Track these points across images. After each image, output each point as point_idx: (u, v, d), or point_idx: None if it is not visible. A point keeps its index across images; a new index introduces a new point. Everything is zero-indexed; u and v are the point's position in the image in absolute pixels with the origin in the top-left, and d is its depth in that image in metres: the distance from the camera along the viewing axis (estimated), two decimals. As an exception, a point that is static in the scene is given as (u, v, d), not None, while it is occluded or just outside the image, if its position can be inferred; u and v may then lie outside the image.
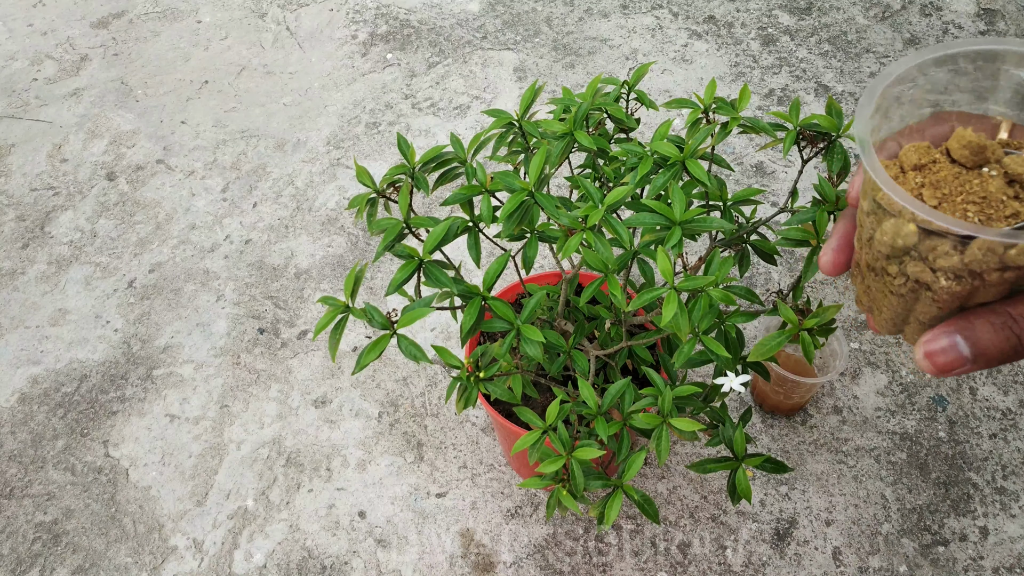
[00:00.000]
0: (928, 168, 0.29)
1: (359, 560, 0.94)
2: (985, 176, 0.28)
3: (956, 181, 0.28)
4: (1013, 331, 0.29)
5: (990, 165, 0.29)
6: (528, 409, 0.66)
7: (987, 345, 0.29)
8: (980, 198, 0.28)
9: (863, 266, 0.33)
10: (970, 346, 0.29)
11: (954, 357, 0.30)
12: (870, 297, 0.33)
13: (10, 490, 1.02)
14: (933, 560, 0.93)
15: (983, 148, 0.28)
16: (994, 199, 0.28)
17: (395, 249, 0.60)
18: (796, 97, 0.68)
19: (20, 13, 1.75)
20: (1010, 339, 0.29)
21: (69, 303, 1.22)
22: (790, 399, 1.00)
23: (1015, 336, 0.29)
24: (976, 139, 0.29)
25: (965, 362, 0.30)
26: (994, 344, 0.29)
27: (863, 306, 0.34)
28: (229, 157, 1.42)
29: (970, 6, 1.62)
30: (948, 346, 0.30)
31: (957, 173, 0.29)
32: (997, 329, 0.29)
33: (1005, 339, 0.29)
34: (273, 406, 1.09)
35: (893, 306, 0.31)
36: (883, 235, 0.29)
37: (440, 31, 1.64)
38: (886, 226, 0.29)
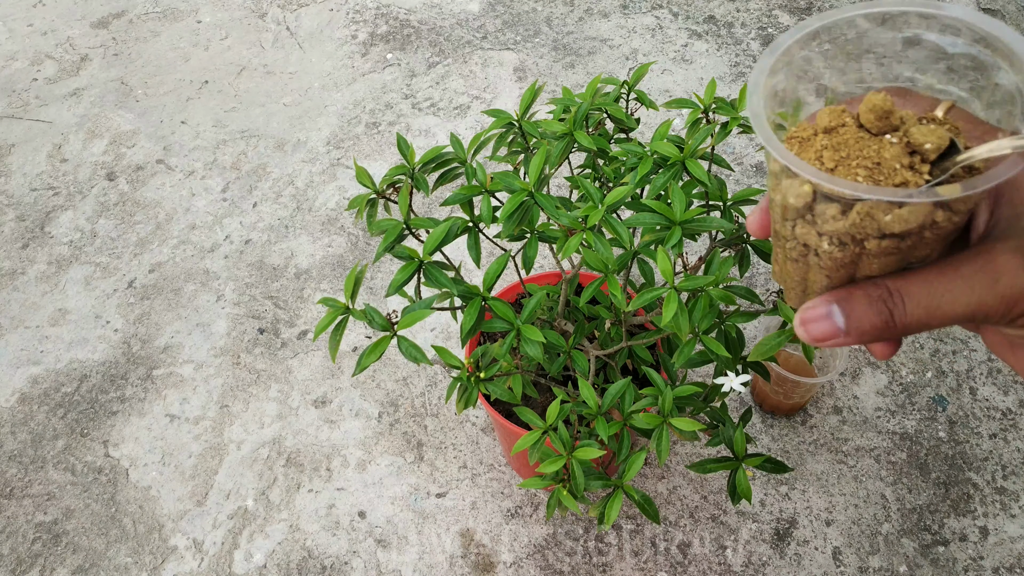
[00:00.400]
0: (836, 131, 0.29)
1: (359, 560, 0.94)
2: (885, 142, 0.27)
3: (857, 145, 0.28)
4: (887, 305, 0.28)
5: (896, 133, 0.28)
6: (528, 409, 0.66)
7: (860, 317, 0.28)
8: (874, 163, 0.27)
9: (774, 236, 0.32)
10: (844, 317, 0.28)
11: (828, 327, 0.29)
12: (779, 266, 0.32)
13: (10, 490, 1.02)
14: (933, 560, 0.93)
15: (888, 113, 0.28)
16: (887, 166, 0.27)
17: (395, 250, 0.60)
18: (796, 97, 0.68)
19: (20, 13, 1.75)
20: (882, 313, 0.28)
21: (69, 303, 1.22)
22: (790, 399, 1.00)
23: (888, 311, 0.28)
24: (882, 103, 0.28)
25: (838, 333, 0.29)
26: (867, 317, 0.28)
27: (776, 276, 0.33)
28: (229, 157, 1.42)
29: (970, 6, 1.63)
30: (823, 315, 0.29)
31: (860, 137, 0.28)
32: (873, 301, 0.28)
33: (877, 313, 0.28)
34: (273, 406, 1.09)
35: (790, 273, 0.31)
36: (780, 195, 0.29)
37: (440, 31, 1.64)
38: (783, 185, 0.28)
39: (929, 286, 0.27)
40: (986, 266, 0.27)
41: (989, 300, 0.26)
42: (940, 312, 0.27)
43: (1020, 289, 0.26)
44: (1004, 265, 0.26)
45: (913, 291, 0.28)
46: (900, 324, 0.28)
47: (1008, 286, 0.26)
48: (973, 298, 0.27)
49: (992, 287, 0.26)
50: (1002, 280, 0.26)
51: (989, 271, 0.26)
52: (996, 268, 0.26)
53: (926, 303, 0.27)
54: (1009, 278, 0.26)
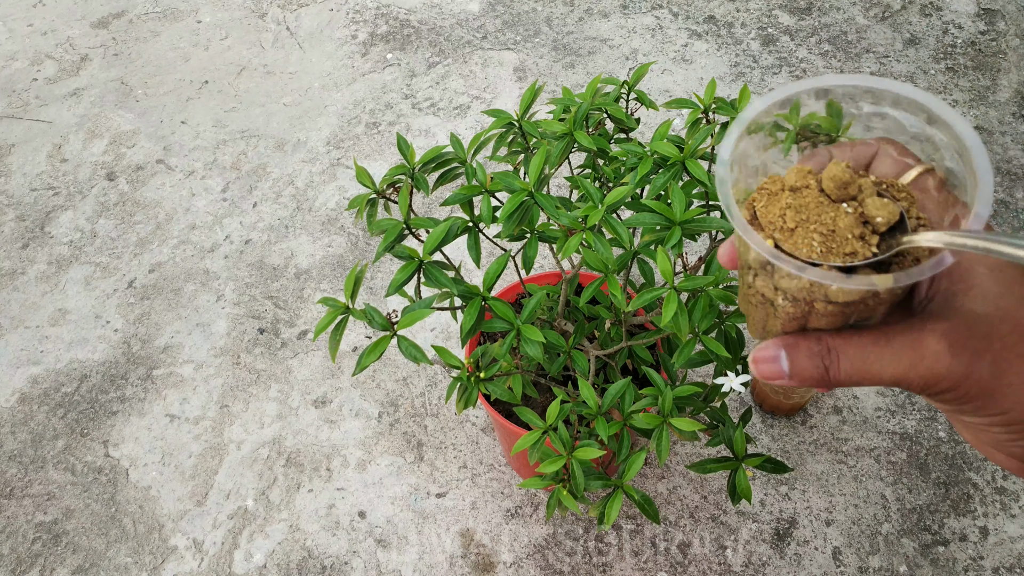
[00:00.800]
0: (800, 192, 0.30)
1: (359, 560, 0.94)
2: (841, 211, 0.29)
3: (816, 209, 0.30)
4: (823, 361, 0.31)
5: (852, 203, 0.30)
6: (528, 409, 0.66)
7: (801, 366, 0.31)
8: (829, 231, 0.29)
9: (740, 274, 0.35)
10: (789, 363, 0.31)
11: (774, 369, 0.32)
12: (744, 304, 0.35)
13: (10, 490, 1.02)
14: (933, 560, 0.93)
15: (847, 184, 0.30)
16: (840, 235, 0.29)
17: (395, 250, 0.60)
18: (797, 97, 0.68)
19: (20, 13, 1.75)
20: (819, 367, 0.31)
21: (69, 303, 1.22)
22: (790, 399, 1.00)
23: (824, 366, 0.31)
24: (842, 174, 0.30)
25: (783, 375, 0.32)
26: (806, 368, 0.31)
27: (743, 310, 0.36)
28: (229, 157, 1.42)
29: (970, 6, 1.62)
30: (772, 357, 0.32)
31: (820, 202, 0.30)
32: (812, 355, 0.31)
33: (815, 366, 0.31)
34: (273, 406, 1.09)
35: (751, 314, 0.34)
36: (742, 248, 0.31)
37: (440, 31, 1.64)
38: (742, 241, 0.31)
39: (863, 351, 0.30)
40: (914, 344, 0.29)
41: (912, 376, 0.29)
42: (869, 375, 0.30)
43: (938, 373, 0.29)
44: (929, 348, 0.29)
45: (849, 352, 0.30)
46: (833, 378, 0.31)
47: (928, 368, 0.29)
48: (899, 370, 0.29)
49: (916, 365, 0.29)
50: (924, 362, 0.29)
51: (916, 350, 0.29)
52: (922, 349, 0.29)
53: (858, 365, 0.30)
54: (930, 361, 0.29)
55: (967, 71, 1.50)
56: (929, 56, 1.53)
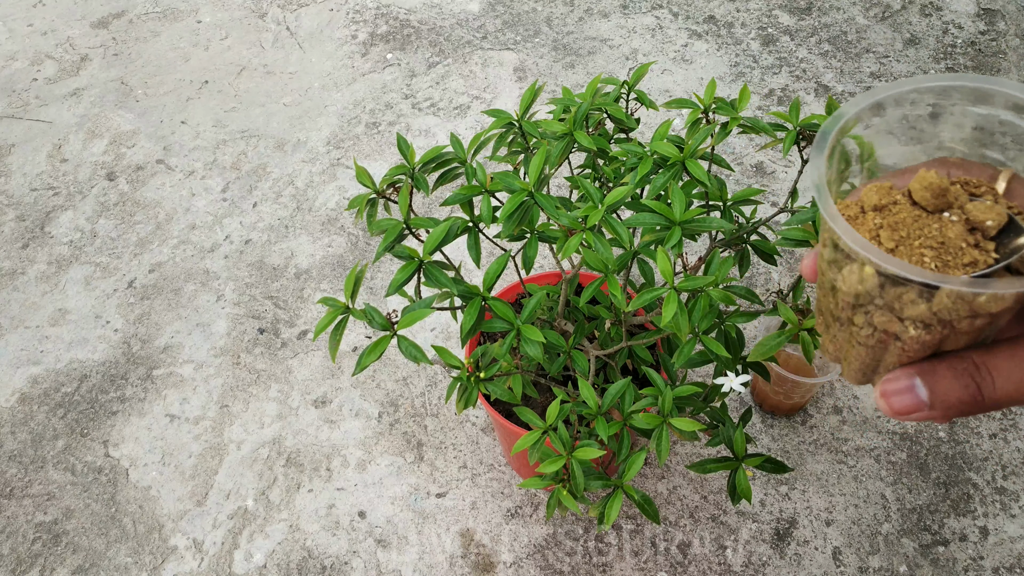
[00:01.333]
0: (888, 209, 0.28)
1: (359, 560, 0.94)
2: (945, 221, 0.27)
3: (915, 224, 0.27)
4: (974, 379, 0.27)
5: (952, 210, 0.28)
6: (528, 409, 0.66)
7: (946, 391, 0.28)
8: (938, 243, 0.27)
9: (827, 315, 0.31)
10: (928, 391, 0.28)
11: (911, 401, 0.28)
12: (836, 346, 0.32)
13: (10, 490, 1.02)
14: (933, 560, 0.93)
15: (945, 191, 0.27)
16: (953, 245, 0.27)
17: (395, 250, 0.60)
18: (796, 97, 0.68)
19: (20, 13, 1.75)
20: (969, 387, 0.27)
21: (69, 303, 1.22)
22: (790, 399, 1.00)
23: (975, 385, 0.27)
24: (938, 181, 0.27)
25: (922, 407, 0.28)
26: (953, 391, 0.28)
27: (830, 355, 0.33)
28: (229, 157, 1.42)
29: (970, 6, 1.62)
30: (906, 387, 0.28)
31: (917, 216, 0.28)
32: (959, 375, 0.27)
33: (964, 387, 0.27)
34: (273, 406, 1.09)
35: (861, 357, 0.30)
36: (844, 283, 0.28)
37: (440, 31, 1.64)
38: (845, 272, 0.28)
39: (1017, 360, 0.27)
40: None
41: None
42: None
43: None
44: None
45: (1001, 365, 0.27)
46: (989, 399, 0.27)
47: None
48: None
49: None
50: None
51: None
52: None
53: (1017, 377, 0.27)
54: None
55: (967, 71, 1.50)
56: (929, 56, 1.53)
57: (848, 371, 0.32)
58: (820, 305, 0.32)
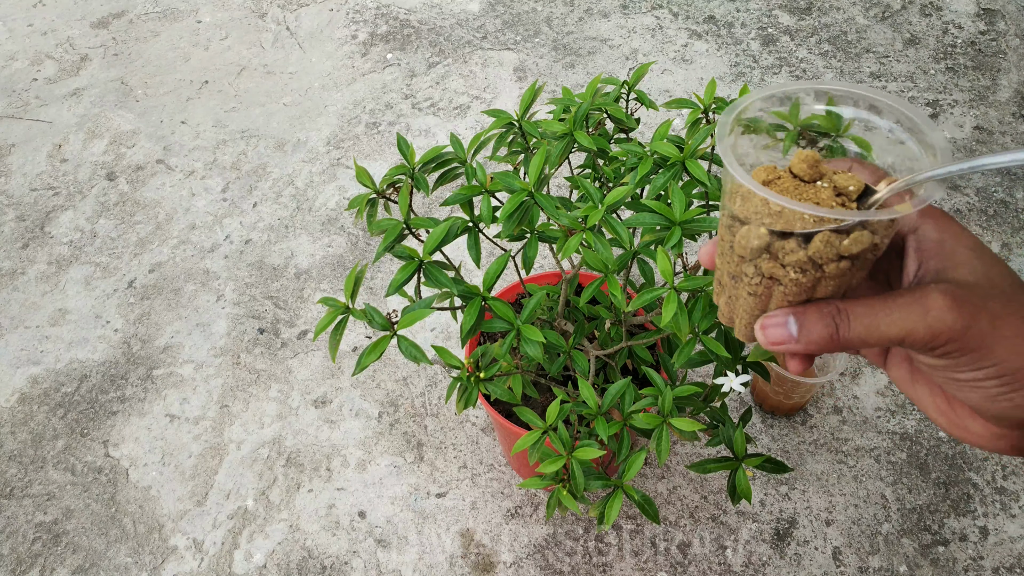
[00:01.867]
0: (774, 183, 0.34)
1: (359, 560, 0.94)
2: (819, 188, 0.34)
3: (797, 191, 0.34)
4: (835, 320, 0.33)
5: (824, 180, 0.34)
6: (528, 409, 0.66)
7: (811, 327, 0.34)
8: (814, 203, 0.33)
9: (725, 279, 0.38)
10: (798, 327, 0.34)
11: (783, 334, 0.34)
12: (731, 307, 0.38)
13: (10, 490, 1.02)
14: (933, 560, 0.93)
15: (818, 163, 0.34)
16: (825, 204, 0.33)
17: (395, 250, 0.60)
18: (796, 97, 0.68)
19: (20, 13, 1.75)
20: (829, 326, 0.33)
21: (69, 303, 1.22)
22: (790, 399, 1.00)
23: (834, 325, 0.33)
24: (812, 155, 0.34)
25: (791, 339, 0.34)
26: (816, 328, 0.33)
27: (724, 318, 0.39)
28: (229, 157, 1.42)
29: (970, 6, 1.62)
30: (781, 323, 0.34)
31: (797, 185, 0.34)
32: (823, 316, 0.33)
33: (825, 326, 0.33)
34: (273, 406, 1.09)
35: (750, 308, 0.36)
36: (741, 239, 0.34)
37: (440, 31, 1.64)
38: (742, 232, 0.34)
39: (872, 309, 0.33)
40: (921, 300, 0.32)
41: (919, 328, 0.32)
42: (878, 332, 0.33)
43: (945, 324, 0.31)
44: (934, 302, 0.32)
45: (858, 312, 0.33)
46: (843, 338, 0.33)
47: (936, 319, 0.31)
48: (906, 325, 0.32)
49: (923, 318, 0.32)
50: (932, 313, 0.32)
51: (922, 305, 0.32)
52: (928, 304, 0.32)
53: (867, 323, 0.33)
54: (936, 314, 0.32)
55: (967, 71, 1.50)
56: (929, 56, 1.53)
57: (740, 327, 0.38)
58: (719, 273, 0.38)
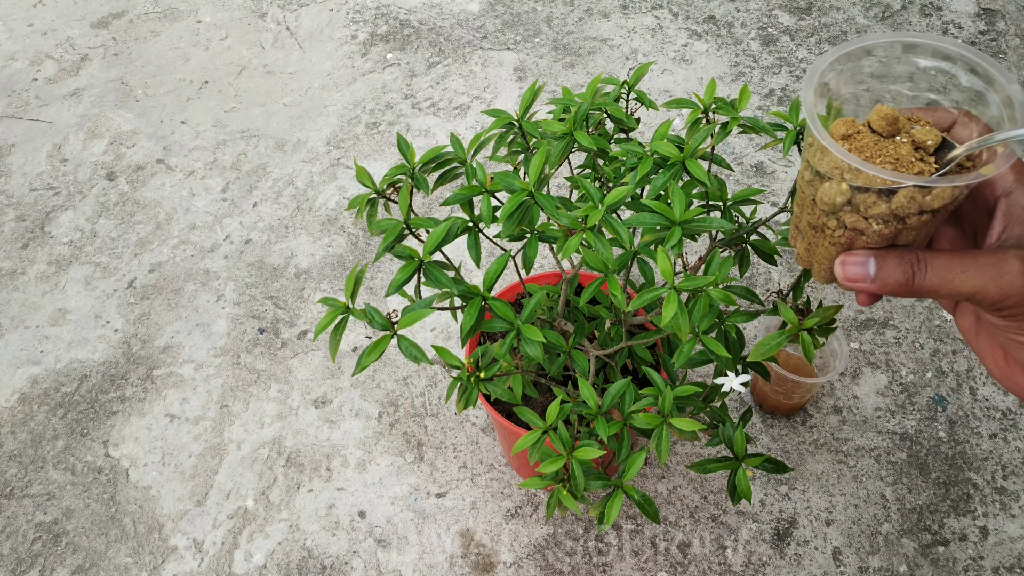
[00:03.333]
0: (853, 137, 0.36)
1: (359, 560, 0.94)
2: (898, 143, 0.35)
3: (876, 147, 0.35)
4: (912, 267, 0.35)
5: (901, 135, 0.35)
6: (528, 409, 0.66)
7: (888, 271, 0.35)
8: (894, 159, 0.34)
9: (804, 227, 0.39)
10: (876, 268, 0.36)
11: (861, 271, 0.36)
12: (811, 253, 0.40)
13: (10, 490, 1.02)
14: (933, 560, 0.93)
15: (896, 119, 0.35)
16: (904, 160, 0.34)
17: (395, 250, 0.60)
18: (796, 97, 0.68)
19: (20, 13, 1.75)
20: (906, 272, 0.35)
21: (69, 303, 1.22)
22: (790, 399, 1.00)
23: (911, 272, 0.35)
24: (891, 111, 0.35)
25: (867, 278, 0.36)
26: (893, 273, 0.35)
27: (803, 261, 0.41)
28: (229, 157, 1.42)
29: (970, 6, 1.62)
30: (861, 262, 0.36)
31: (876, 140, 0.35)
32: (902, 262, 0.35)
33: (903, 271, 0.35)
34: (273, 406, 1.09)
35: (831, 255, 0.38)
36: (823, 195, 0.36)
37: (440, 31, 1.64)
38: (824, 188, 0.35)
39: (949, 262, 0.34)
40: (998, 262, 0.33)
41: (991, 288, 0.33)
42: (951, 285, 0.34)
43: (1015, 288, 0.33)
44: (1011, 267, 0.33)
45: (936, 263, 0.35)
46: (917, 285, 0.35)
47: (1009, 283, 0.33)
48: (980, 283, 0.33)
49: (997, 279, 0.33)
50: (1006, 277, 0.33)
51: (998, 266, 0.33)
52: (1005, 266, 0.33)
53: (943, 274, 0.34)
54: (1012, 276, 0.33)
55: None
56: (929, 56, 1.53)
57: (819, 271, 0.40)
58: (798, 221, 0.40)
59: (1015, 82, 0.35)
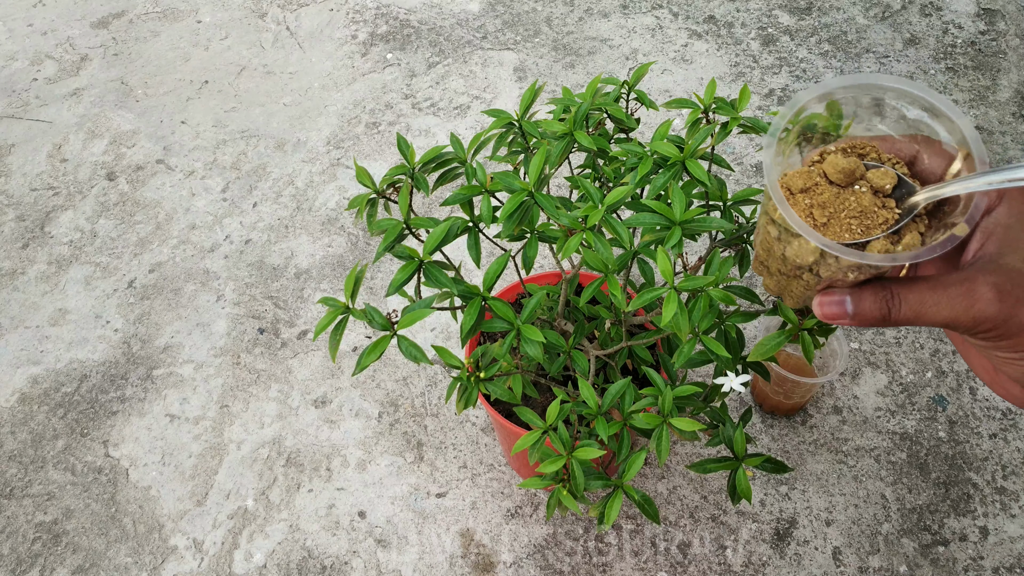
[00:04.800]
0: (812, 191, 0.35)
1: (359, 560, 0.94)
2: (858, 193, 0.35)
3: (837, 200, 0.35)
4: (887, 304, 0.36)
5: (859, 182, 0.35)
6: (528, 409, 0.66)
7: (865, 308, 0.37)
8: (858, 212, 0.34)
9: (775, 271, 0.39)
10: (853, 306, 0.37)
11: (839, 310, 0.38)
12: (781, 288, 0.40)
13: (10, 490, 1.02)
14: (933, 560, 0.93)
15: (852, 171, 0.35)
16: (868, 211, 0.35)
17: (395, 250, 0.60)
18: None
19: (20, 13, 1.75)
20: (882, 308, 0.36)
21: (69, 303, 1.22)
22: (790, 399, 1.00)
23: (887, 308, 0.36)
24: (846, 164, 0.35)
25: (845, 316, 0.38)
26: (870, 310, 0.37)
27: (772, 291, 0.41)
28: (229, 157, 1.42)
29: (970, 6, 1.62)
30: (837, 301, 0.38)
31: (836, 193, 0.35)
32: (877, 300, 0.37)
33: (879, 308, 0.37)
34: (273, 406, 1.09)
35: (805, 296, 0.39)
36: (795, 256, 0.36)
37: (440, 31, 1.63)
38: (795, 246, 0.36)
39: (922, 295, 0.36)
40: (968, 291, 0.34)
41: (963, 317, 0.35)
42: (925, 317, 0.36)
43: (988, 315, 0.34)
44: (981, 294, 0.34)
45: (910, 297, 0.36)
46: (893, 319, 0.37)
47: (980, 311, 0.34)
48: (953, 313, 0.35)
49: (968, 309, 0.34)
50: (977, 305, 0.34)
51: (969, 296, 0.34)
52: (974, 295, 0.34)
53: (916, 308, 0.36)
54: (982, 305, 0.34)
55: (967, 71, 1.50)
56: (929, 56, 1.53)
57: (793, 303, 0.41)
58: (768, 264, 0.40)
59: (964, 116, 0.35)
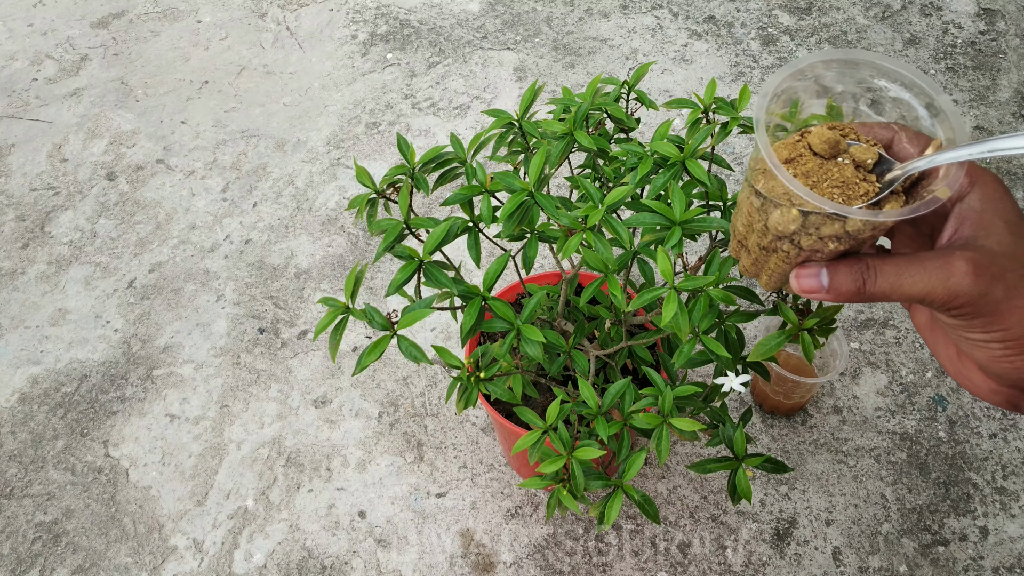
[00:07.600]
0: (797, 161, 0.36)
1: (359, 560, 0.94)
2: (841, 165, 0.36)
3: (821, 170, 0.36)
4: (863, 275, 0.36)
5: (842, 155, 0.36)
6: (528, 409, 0.66)
7: (840, 281, 0.37)
8: (840, 182, 0.35)
9: (753, 247, 0.40)
10: (829, 279, 0.37)
11: (815, 284, 0.38)
12: (758, 266, 0.41)
13: (10, 490, 1.02)
14: (933, 560, 0.93)
15: (837, 143, 0.36)
16: (850, 182, 0.35)
17: (395, 250, 0.60)
18: (796, 97, 0.68)
19: (20, 13, 1.75)
20: (857, 281, 0.37)
21: (69, 303, 1.22)
22: (790, 399, 1.00)
23: (862, 280, 0.37)
24: (831, 135, 0.36)
25: (821, 289, 0.38)
26: (844, 283, 0.37)
27: (748, 273, 0.42)
28: (229, 157, 1.42)
29: (970, 6, 1.62)
30: (813, 274, 0.38)
31: (820, 164, 0.36)
32: (852, 272, 0.37)
33: (853, 280, 0.37)
34: (273, 406, 1.09)
35: (783, 271, 0.39)
36: (776, 224, 0.37)
37: (440, 31, 1.63)
38: (776, 216, 0.37)
39: (898, 268, 0.36)
40: (945, 265, 0.35)
41: (939, 290, 0.34)
42: (901, 290, 0.36)
43: (962, 290, 0.34)
44: (957, 269, 0.34)
45: (886, 269, 0.36)
46: (868, 291, 0.37)
47: (956, 284, 0.34)
48: (928, 286, 0.35)
49: (944, 282, 0.34)
50: (953, 278, 0.34)
51: (945, 268, 0.34)
52: (951, 268, 0.34)
53: (892, 280, 0.36)
54: (957, 279, 0.34)
55: (967, 71, 1.50)
56: (929, 56, 1.53)
57: (768, 282, 0.41)
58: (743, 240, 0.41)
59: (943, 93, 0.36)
